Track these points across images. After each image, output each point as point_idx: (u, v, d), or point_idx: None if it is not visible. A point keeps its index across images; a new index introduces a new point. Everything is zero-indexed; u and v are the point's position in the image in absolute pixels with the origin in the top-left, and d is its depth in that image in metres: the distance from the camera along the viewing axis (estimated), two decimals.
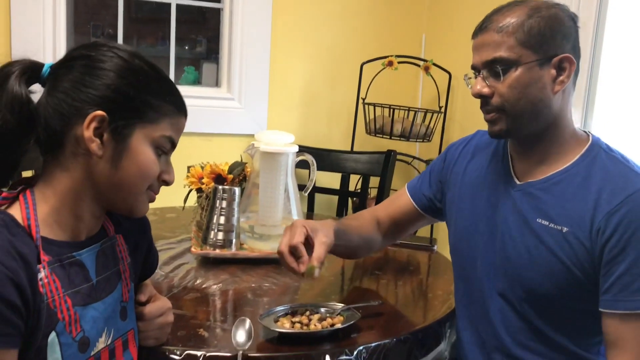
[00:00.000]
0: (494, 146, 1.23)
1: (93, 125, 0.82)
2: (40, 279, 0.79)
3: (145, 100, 0.85)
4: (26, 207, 0.82)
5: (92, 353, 0.86)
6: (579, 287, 1.05)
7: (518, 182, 1.14)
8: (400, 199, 1.40)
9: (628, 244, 0.99)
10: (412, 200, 1.38)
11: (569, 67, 1.06)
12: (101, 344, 0.88)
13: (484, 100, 1.10)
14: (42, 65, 0.86)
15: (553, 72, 1.06)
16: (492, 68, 1.06)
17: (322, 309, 1.20)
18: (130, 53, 0.86)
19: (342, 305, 1.22)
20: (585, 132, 1.14)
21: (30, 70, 0.85)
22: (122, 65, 0.84)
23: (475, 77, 1.11)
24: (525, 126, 1.09)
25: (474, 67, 1.11)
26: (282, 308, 1.19)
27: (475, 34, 1.10)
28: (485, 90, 1.08)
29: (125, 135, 0.84)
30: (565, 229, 1.05)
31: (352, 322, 1.14)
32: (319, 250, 1.14)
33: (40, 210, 0.83)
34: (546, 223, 1.08)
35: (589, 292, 1.04)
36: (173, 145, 0.90)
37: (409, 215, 1.39)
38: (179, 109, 0.90)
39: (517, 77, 1.05)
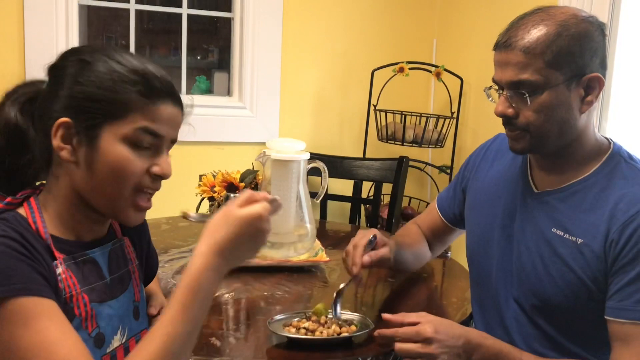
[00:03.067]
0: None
1: (60, 132, 0.81)
2: (59, 274, 0.80)
3: (106, 98, 0.81)
4: (31, 211, 0.83)
5: (108, 350, 0.87)
6: (593, 299, 1.03)
7: (536, 191, 1.12)
8: (433, 213, 1.44)
9: (638, 256, 0.97)
10: (440, 215, 1.40)
11: (598, 87, 1.02)
12: (116, 342, 0.88)
13: (507, 119, 1.06)
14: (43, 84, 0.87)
15: (581, 92, 1.01)
16: (517, 90, 1.01)
17: (338, 317, 1.19)
18: (92, 50, 0.84)
19: (356, 314, 1.21)
20: (607, 139, 1.10)
21: (32, 93, 0.86)
22: (80, 67, 0.82)
23: (497, 92, 1.06)
24: (549, 145, 1.06)
25: (496, 82, 1.06)
26: (297, 313, 1.19)
27: (498, 48, 1.04)
28: (510, 111, 1.04)
29: (92, 137, 0.81)
30: (579, 241, 1.03)
31: (364, 330, 1.13)
32: (372, 255, 1.25)
33: (46, 213, 0.84)
34: (561, 233, 1.06)
35: (602, 303, 1.02)
36: (156, 135, 0.83)
37: (442, 229, 1.42)
38: (152, 97, 0.82)
39: (543, 101, 1.00)
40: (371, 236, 1.27)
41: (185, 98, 0.90)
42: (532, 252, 1.10)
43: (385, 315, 1.08)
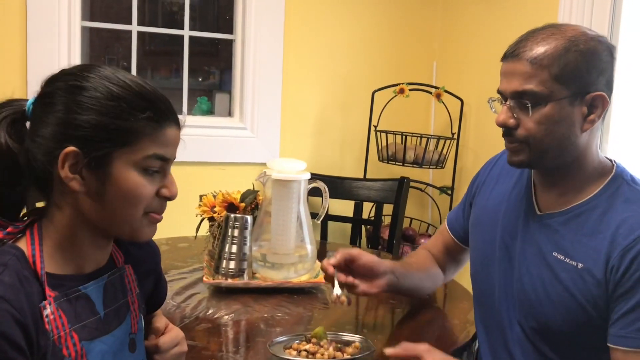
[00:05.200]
0: (520, 171, 1.19)
1: (68, 162, 0.79)
2: (47, 316, 0.78)
3: (116, 126, 0.79)
4: (32, 242, 0.81)
5: None
6: (593, 325, 1.02)
7: (538, 213, 1.11)
8: (444, 234, 1.42)
9: (639, 282, 0.95)
10: (451, 234, 1.39)
11: (602, 106, 1.01)
12: None
13: (508, 130, 1.05)
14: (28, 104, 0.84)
15: (584, 109, 1.01)
16: (520, 100, 1.01)
17: (338, 339, 1.17)
18: (85, 71, 0.82)
19: (358, 336, 1.19)
20: (610, 160, 1.09)
21: (15, 114, 0.84)
22: (77, 92, 0.79)
23: (501, 104, 1.06)
24: (548, 161, 1.05)
25: (501, 93, 1.06)
26: (297, 336, 1.17)
27: (506, 58, 1.04)
28: (511, 121, 1.03)
29: (103, 165, 0.80)
30: (580, 265, 1.02)
31: (365, 353, 1.12)
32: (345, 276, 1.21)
33: (46, 245, 0.82)
34: (562, 257, 1.05)
35: (603, 330, 1.01)
36: (164, 159, 0.83)
37: (455, 249, 1.41)
38: (160, 121, 0.82)
39: (545, 113, 1.00)
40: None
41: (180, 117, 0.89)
42: (532, 275, 1.09)
43: (388, 351, 1.06)
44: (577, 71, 0.99)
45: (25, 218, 0.86)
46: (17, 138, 0.83)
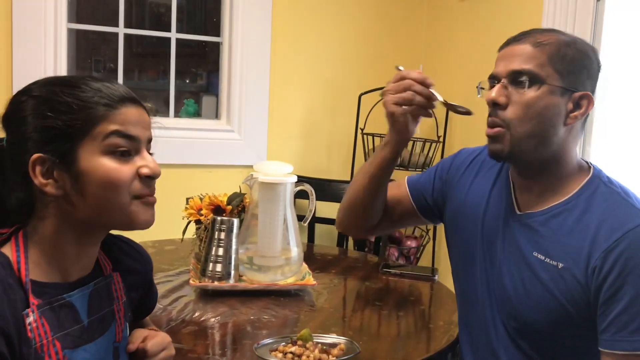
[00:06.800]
0: (499, 168, 1.20)
1: (37, 169, 0.80)
2: (29, 324, 0.78)
3: (68, 121, 0.80)
4: (17, 249, 0.81)
5: None
6: (573, 325, 1.03)
7: (518, 212, 1.12)
8: (401, 189, 1.34)
9: (625, 283, 0.96)
10: (410, 196, 1.32)
11: (587, 106, 1.05)
12: None
13: (494, 110, 1.06)
14: None
15: (570, 105, 1.04)
16: (516, 78, 1.04)
17: (324, 341, 1.18)
18: (40, 85, 0.83)
19: (343, 338, 1.20)
20: (587, 163, 1.12)
21: None
22: (33, 103, 0.81)
23: (489, 88, 1.08)
24: (527, 152, 1.05)
25: (494, 77, 1.08)
26: (283, 338, 1.18)
27: (506, 44, 1.08)
28: (502, 99, 1.05)
29: (71, 162, 0.80)
30: (560, 265, 1.03)
31: (350, 355, 1.12)
32: None
33: (32, 252, 0.82)
34: (542, 257, 1.06)
35: (583, 329, 1.02)
36: (129, 137, 0.83)
37: (404, 208, 1.33)
38: (112, 103, 0.82)
39: (537, 95, 1.02)
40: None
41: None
42: (513, 275, 1.10)
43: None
44: (572, 66, 1.03)
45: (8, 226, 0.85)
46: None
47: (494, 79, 1.08)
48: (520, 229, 1.11)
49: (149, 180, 0.85)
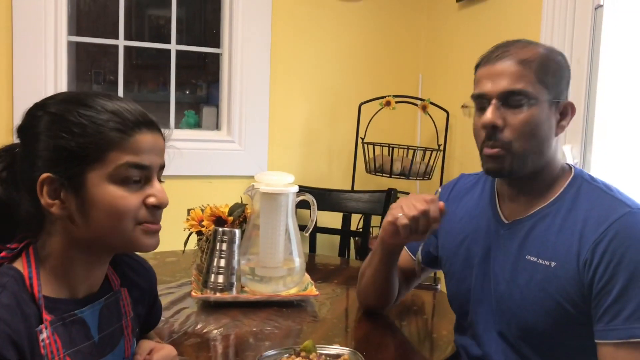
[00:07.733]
0: (480, 187, 1.23)
1: (45, 189, 0.80)
2: (42, 340, 0.77)
3: (80, 144, 0.79)
4: (28, 264, 0.81)
5: None
6: (573, 323, 1.04)
7: (506, 222, 1.14)
8: (403, 256, 1.39)
9: (616, 272, 0.97)
10: (410, 254, 1.39)
11: (570, 114, 1.09)
12: None
13: (492, 133, 1.05)
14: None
15: (558, 115, 1.07)
16: (509, 100, 1.03)
17: (328, 352, 1.17)
18: (57, 102, 0.83)
19: (347, 348, 1.19)
20: (567, 164, 1.14)
21: (5, 161, 0.85)
22: (48, 120, 0.81)
23: (477, 108, 1.08)
24: (527, 166, 1.07)
25: (482, 96, 1.06)
26: (286, 349, 1.17)
27: (489, 61, 1.06)
28: (499, 121, 1.04)
29: (78, 185, 0.80)
30: (553, 264, 1.04)
31: None
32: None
33: (42, 268, 0.82)
34: (534, 259, 1.07)
35: (584, 327, 1.02)
36: (142, 167, 0.82)
37: (411, 270, 1.40)
38: (127, 130, 0.81)
39: (531, 113, 1.03)
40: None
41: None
42: (509, 281, 1.10)
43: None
44: (555, 78, 1.05)
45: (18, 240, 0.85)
46: (11, 185, 0.84)
47: (482, 99, 1.07)
48: (510, 236, 1.12)
49: (155, 209, 0.84)
